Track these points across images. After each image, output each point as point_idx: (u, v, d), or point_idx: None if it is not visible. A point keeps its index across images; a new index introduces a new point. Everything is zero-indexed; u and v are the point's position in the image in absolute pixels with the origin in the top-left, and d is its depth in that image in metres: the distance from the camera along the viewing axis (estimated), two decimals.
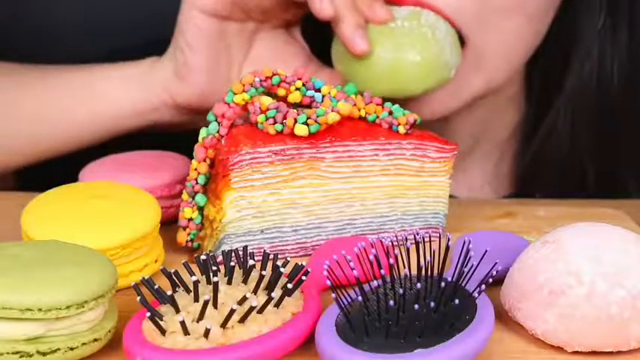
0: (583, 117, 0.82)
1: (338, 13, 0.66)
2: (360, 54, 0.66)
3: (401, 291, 0.47)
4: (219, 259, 0.59)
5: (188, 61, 0.70)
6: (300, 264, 0.52)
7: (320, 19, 0.67)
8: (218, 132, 0.61)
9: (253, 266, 0.51)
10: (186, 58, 0.70)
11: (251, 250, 0.55)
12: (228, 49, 0.71)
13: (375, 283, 0.50)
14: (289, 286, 0.50)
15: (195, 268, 0.53)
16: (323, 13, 0.66)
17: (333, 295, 0.48)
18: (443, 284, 0.49)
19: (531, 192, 0.84)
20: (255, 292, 0.49)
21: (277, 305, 0.49)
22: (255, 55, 0.73)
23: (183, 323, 0.47)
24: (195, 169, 0.61)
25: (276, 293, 0.49)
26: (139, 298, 0.48)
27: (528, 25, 0.76)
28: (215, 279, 0.48)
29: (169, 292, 0.49)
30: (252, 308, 0.48)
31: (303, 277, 0.51)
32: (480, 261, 0.50)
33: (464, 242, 0.51)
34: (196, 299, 0.49)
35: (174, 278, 0.51)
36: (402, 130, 0.62)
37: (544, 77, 0.84)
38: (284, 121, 0.60)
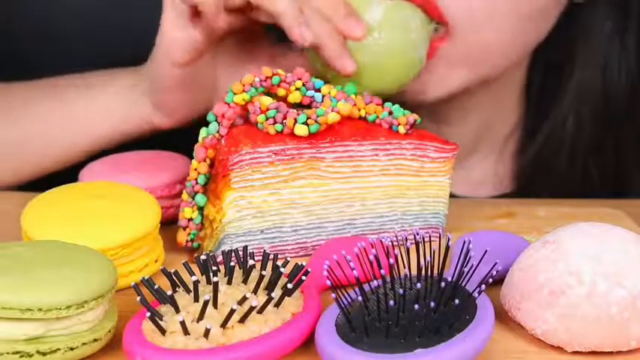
0: (587, 117, 0.82)
1: (319, 40, 0.65)
2: (349, 74, 0.66)
3: (401, 291, 0.47)
4: (219, 259, 0.59)
5: (167, 101, 0.71)
6: (300, 264, 0.52)
7: (300, 46, 0.66)
8: (218, 132, 0.61)
9: (253, 266, 0.51)
10: (165, 99, 0.71)
11: (251, 250, 0.55)
12: (201, 74, 0.71)
13: (375, 283, 0.50)
14: (289, 286, 0.50)
15: (195, 268, 0.53)
16: (303, 42, 0.64)
17: (333, 295, 0.48)
18: (443, 284, 0.49)
19: (532, 189, 0.84)
20: (255, 292, 0.49)
21: (277, 305, 0.49)
22: (222, 62, 0.73)
23: (183, 323, 0.47)
24: (195, 169, 0.61)
25: (276, 293, 0.49)
26: (139, 298, 0.48)
27: (527, 23, 0.76)
28: (215, 279, 0.48)
29: (169, 292, 0.49)
30: (252, 308, 0.48)
31: (303, 277, 0.51)
32: (480, 261, 0.50)
33: (464, 242, 0.51)
34: (196, 299, 0.49)
35: (174, 278, 0.51)
36: (402, 130, 0.62)
37: (546, 75, 0.84)
38: (284, 121, 0.60)
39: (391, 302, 0.47)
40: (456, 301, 0.47)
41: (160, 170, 0.67)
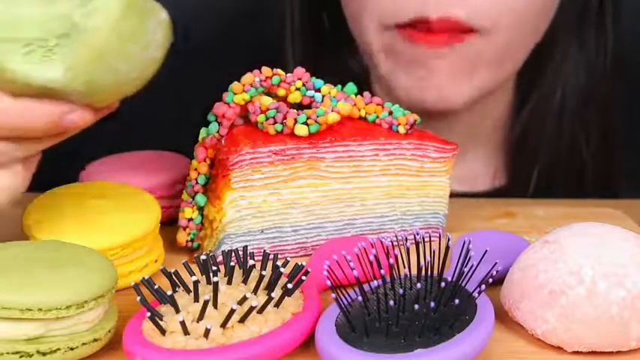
0: (572, 92, 0.86)
1: None
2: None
3: (401, 291, 0.47)
4: (219, 259, 0.59)
5: None
6: (300, 264, 0.52)
7: None
8: (218, 132, 0.61)
9: (253, 266, 0.51)
10: None
11: (251, 250, 0.55)
12: None
13: (375, 283, 0.50)
14: (289, 286, 0.50)
15: (195, 268, 0.53)
16: None
17: (333, 295, 0.48)
18: (443, 284, 0.49)
19: (523, 165, 0.86)
20: (255, 292, 0.49)
21: (277, 305, 0.49)
22: None
23: (183, 323, 0.47)
24: (195, 169, 0.61)
25: (276, 293, 0.49)
26: (139, 298, 0.48)
27: (540, 17, 0.79)
28: (215, 279, 0.48)
29: (169, 292, 0.49)
30: (252, 308, 0.48)
31: (303, 277, 0.51)
32: (480, 261, 0.50)
33: (464, 242, 0.51)
34: (196, 299, 0.49)
35: (174, 278, 0.51)
36: (402, 130, 0.62)
37: (535, 62, 0.85)
38: (284, 121, 0.60)
39: (391, 302, 0.47)
40: (456, 301, 0.47)
41: (160, 170, 0.67)
